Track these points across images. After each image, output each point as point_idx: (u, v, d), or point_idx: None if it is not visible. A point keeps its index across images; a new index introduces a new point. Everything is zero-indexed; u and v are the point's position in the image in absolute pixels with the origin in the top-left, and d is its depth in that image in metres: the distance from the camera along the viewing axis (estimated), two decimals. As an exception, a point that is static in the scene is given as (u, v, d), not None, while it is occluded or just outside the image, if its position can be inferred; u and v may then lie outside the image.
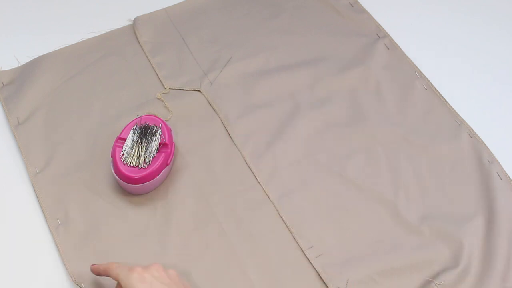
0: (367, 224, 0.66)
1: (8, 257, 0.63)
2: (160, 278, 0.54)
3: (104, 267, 0.57)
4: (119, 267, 0.55)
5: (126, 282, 0.54)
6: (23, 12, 0.85)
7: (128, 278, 0.54)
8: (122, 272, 0.55)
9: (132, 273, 0.54)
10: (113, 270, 0.56)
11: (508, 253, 0.64)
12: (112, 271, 0.56)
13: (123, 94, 0.75)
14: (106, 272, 0.57)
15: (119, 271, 0.55)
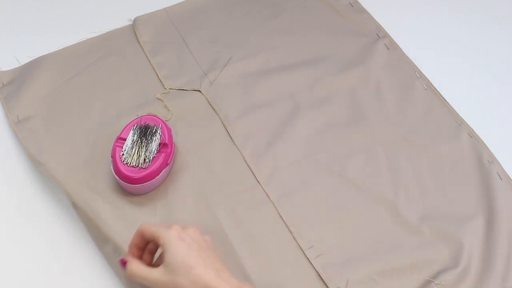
0: (367, 224, 0.66)
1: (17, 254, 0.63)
2: (197, 240, 0.54)
3: (137, 233, 0.56)
4: (156, 225, 0.54)
5: (164, 239, 0.53)
6: (23, 12, 0.85)
7: (167, 234, 0.53)
8: (160, 228, 0.54)
9: (170, 230, 0.53)
10: (149, 228, 0.55)
11: (508, 253, 0.64)
12: (148, 229, 0.55)
13: (123, 94, 0.75)
14: (141, 236, 0.55)
15: (157, 228, 0.54)
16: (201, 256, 0.52)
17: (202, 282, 0.50)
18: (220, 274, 0.51)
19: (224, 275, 0.51)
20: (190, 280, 0.50)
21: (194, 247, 0.52)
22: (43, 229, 0.65)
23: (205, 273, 0.51)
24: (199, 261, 0.51)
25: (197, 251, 0.52)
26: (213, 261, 0.52)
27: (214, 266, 0.52)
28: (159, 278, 0.52)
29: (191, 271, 0.51)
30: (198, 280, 0.50)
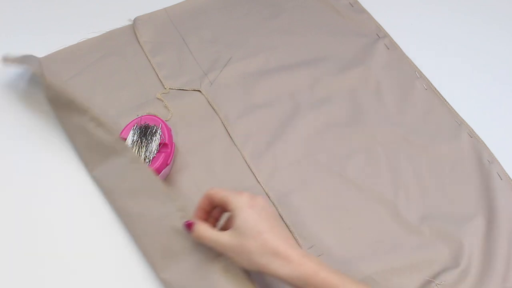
0: (367, 224, 0.66)
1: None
2: (266, 208, 0.55)
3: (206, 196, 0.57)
4: (226, 190, 0.56)
5: (235, 204, 0.54)
6: (23, 12, 0.85)
7: (238, 200, 0.54)
8: (230, 194, 0.55)
9: (241, 196, 0.54)
10: (219, 192, 0.56)
11: (508, 253, 0.64)
12: (218, 194, 0.56)
13: (123, 94, 0.75)
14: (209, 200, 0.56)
15: (227, 193, 0.55)
16: (270, 224, 0.53)
17: (270, 246, 0.52)
18: (288, 241, 0.53)
19: (292, 243, 0.53)
20: (259, 244, 0.52)
21: (264, 215, 0.54)
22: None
23: (274, 238, 0.52)
24: (268, 228, 0.53)
25: (266, 219, 0.54)
26: (280, 230, 0.54)
27: (282, 234, 0.53)
28: (228, 241, 0.53)
29: (260, 236, 0.52)
30: (267, 244, 0.52)
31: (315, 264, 0.52)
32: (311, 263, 0.52)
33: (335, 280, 0.51)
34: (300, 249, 0.53)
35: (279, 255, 0.52)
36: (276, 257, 0.52)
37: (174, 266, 0.58)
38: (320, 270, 0.51)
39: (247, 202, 0.54)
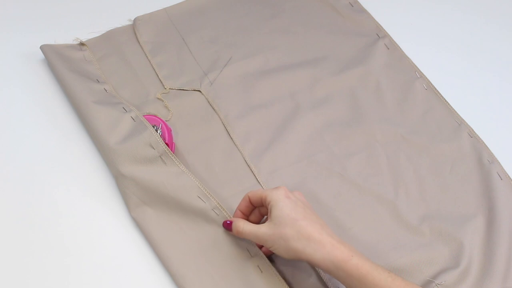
0: (367, 224, 0.66)
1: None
2: (302, 200, 0.58)
3: (244, 199, 0.60)
4: (263, 189, 0.59)
5: (272, 197, 0.57)
6: (22, 11, 0.85)
7: (275, 193, 0.57)
8: (267, 189, 0.58)
9: (278, 189, 0.57)
10: (256, 192, 0.59)
11: (508, 253, 0.64)
12: (255, 193, 0.59)
13: (123, 94, 0.75)
14: (247, 201, 0.60)
15: (264, 190, 0.58)
16: (306, 212, 0.56)
17: (305, 232, 0.54)
18: (323, 228, 0.55)
19: (327, 230, 0.55)
20: (295, 230, 0.54)
21: (300, 205, 0.57)
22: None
23: (310, 225, 0.54)
24: (304, 215, 0.55)
25: (302, 208, 0.56)
26: (316, 218, 0.56)
27: (318, 221, 0.56)
28: (266, 231, 0.56)
29: (296, 223, 0.55)
30: (303, 231, 0.54)
31: (349, 250, 0.54)
32: (344, 248, 0.54)
33: (366, 266, 0.53)
34: (335, 235, 0.55)
35: (314, 240, 0.54)
36: (311, 242, 0.54)
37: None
38: (353, 257, 0.53)
39: (284, 193, 0.57)
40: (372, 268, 0.53)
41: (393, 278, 0.53)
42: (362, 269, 0.53)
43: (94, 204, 0.65)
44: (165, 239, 0.61)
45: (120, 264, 0.61)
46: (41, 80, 0.76)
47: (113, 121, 0.67)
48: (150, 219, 0.62)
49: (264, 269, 0.59)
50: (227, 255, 0.60)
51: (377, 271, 0.53)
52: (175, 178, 0.64)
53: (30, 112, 0.73)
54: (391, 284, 0.52)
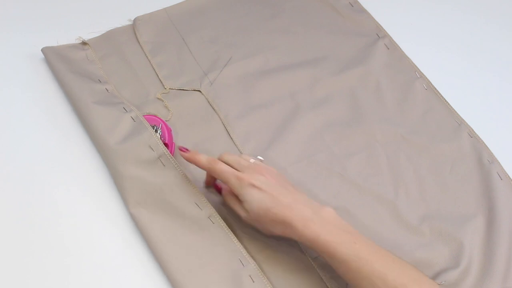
0: (367, 224, 0.66)
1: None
2: (267, 180, 0.59)
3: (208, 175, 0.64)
4: (226, 172, 0.60)
5: (238, 191, 0.59)
6: (22, 11, 0.85)
7: (240, 187, 0.59)
8: (231, 177, 0.60)
9: (242, 180, 0.59)
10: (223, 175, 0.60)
11: (508, 253, 0.64)
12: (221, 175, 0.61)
13: (123, 94, 0.75)
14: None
15: (228, 175, 0.60)
16: (275, 195, 0.57)
17: (278, 219, 0.57)
18: (296, 205, 0.57)
19: (298, 206, 0.57)
20: (269, 219, 0.57)
21: (267, 188, 0.58)
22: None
23: (281, 211, 0.57)
24: (273, 201, 0.57)
25: (270, 191, 0.58)
26: (285, 195, 0.58)
27: (288, 200, 0.57)
28: (246, 217, 0.60)
29: (268, 212, 0.57)
30: (275, 218, 0.57)
31: (318, 228, 0.55)
32: (314, 226, 0.55)
33: (333, 243, 0.54)
34: (308, 209, 0.57)
35: (287, 224, 0.56)
36: (286, 226, 0.57)
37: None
38: (321, 235, 0.55)
39: (248, 182, 0.58)
40: (339, 244, 0.54)
41: (358, 251, 0.54)
42: (330, 247, 0.54)
43: (94, 204, 0.65)
44: (159, 242, 0.60)
45: (120, 264, 0.61)
46: (41, 80, 0.76)
47: (113, 121, 0.67)
48: (145, 222, 0.62)
49: (256, 279, 0.59)
50: (220, 264, 0.60)
51: (344, 246, 0.54)
52: (173, 182, 0.64)
53: (30, 112, 0.73)
54: (356, 258, 0.53)
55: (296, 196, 0.58)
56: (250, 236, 0.63)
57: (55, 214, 0.64)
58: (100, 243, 0.63)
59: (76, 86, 0.72)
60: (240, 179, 0.59)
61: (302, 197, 0.59)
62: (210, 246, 0.60)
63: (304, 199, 0.58)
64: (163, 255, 0.60)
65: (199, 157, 0.62)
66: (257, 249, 0.63)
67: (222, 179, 0.61)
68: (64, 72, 0.73)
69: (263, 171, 0.60)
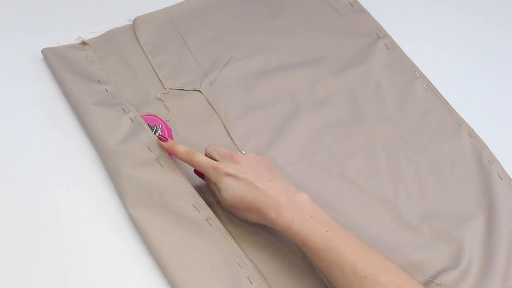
0: (367, 224, 0.66)
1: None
2: (242, 169, 0.60)
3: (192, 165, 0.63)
4: (206, 162, 0.61)
5: (215, 179, 0.60)
6: (22, 11, 0.85)
7: (215, 175, 0.60)
8: (208, 166, 0.61)
9: (218, 170, 0.60)
10: (200, 165, 0.62)
11: (508, 253, 0.64)
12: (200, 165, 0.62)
13: (123, 94, 0.75)
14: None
15: (206, 164, 0.61)
16: (250, 183, 0.58)
17: (255, 207, 0.58)
18: (270, 194, 0.58)
19: (273, 194, 0.58)
20: (246, 208, 0.59)
21: (242, 176, 0.59)
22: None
23: (256, 198, 0.58)
24: (248, 190, 0.58)
25: (245, 181, 0.59)
26: (261, 183, 0.59)
27: (262, 188, 0.58)
28: (227, 207, 0.62)
29: (243, 201, 0.59)
30: (251, 208, 0.59)
31: (291, 216, 0.56)
32: (287, 214, 0.56)
33: (304, 231, 0.55)
34: (282, 196, 0.57)
35: (261, 212, 0.58)
36: (260, 213, 0.58)
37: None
38: (294, 223, 0.55)
39: (223, 172, 0.59)
40: (310, 232, 0.54)
41: (329, 240, 0.54)
42: (302, 235, 0.55)
43: (94, 204, 0.65)
44: (158, 243, 0.60)
45: (120, 264, 0.61)
46: (41, 80, 0.76)
47: (112, 123, 0.67)
48: (144, 223, 0.62)
49: (253, 281, 0.59)
50: (218, 266, 0.60)
51: (316, 234, 0.54)
52: (171, 184, 0.63)
53: (30, 112, 0.73)
54: (327, 247, 0.53)
55: (271, 183, 0.59)
56: (248, 238, 0.63)
57: (55, 214, 0.64)
58: (100, 243, 0.63)
59: (75, 87, 0.72)
60: (216, 168, 0.60)
61: (278, 183, 0.59)
62: (208, 248, 0.60)
63: (278, 186, 0.59)
64: (162, 256, 0.60)
65: (177, 147, 0.63)
66: (255, 250, 0.63)
67: (200, 170, 0.62)
68: (63, 74, 0.73)
69: (239, 159, 0.61)
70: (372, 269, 0.52)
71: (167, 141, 0.64)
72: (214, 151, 0.63)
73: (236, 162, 0.60)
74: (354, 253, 0.53)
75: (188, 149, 0.62)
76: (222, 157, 0.62)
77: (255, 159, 0.62)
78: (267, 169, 0.61)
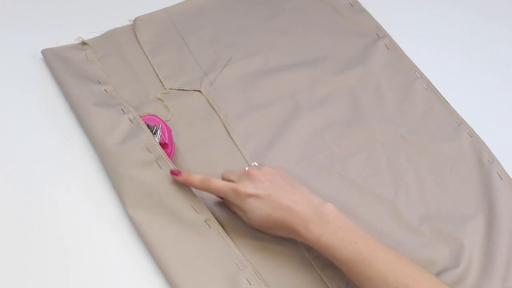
0: (367, 224, 0.66)
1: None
2: (264, 186, 0.59)
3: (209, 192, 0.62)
4: (224, 186, 0.61)
5: (238, 202, 0.60)
6: (22, 12, 0.85)
7: (237, 199, 0.60)
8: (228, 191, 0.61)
9: (238, 193, 0.59)
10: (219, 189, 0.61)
11: (508, 253, 0.64)
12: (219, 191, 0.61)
13: (123, 94, 0.75)
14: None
15: (226, 189, 0.61)
16: (273, 201, 0.58)
17: (280, 224, 0.58)
18: (294, 207, 0.57)
19: (296, 208, 0.57)
20: (272, 224, 0.59)
21: (264, 196, 0.59)
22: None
23: (283, 215, 0.57)
24: (273, 207, 0.58)
25: (269, 200, 0.58)
26: (284, 197, 0.58)
27: (286, 202, 0.58)
28: (250, 225, 0.61)
29: (270, 218, 0.58)
30: (277, 223, 0.58)
31: (319, 229, 0.56)
32: (315, 228, 0.56)
33: (334, 243, 0.55)
34: (308, 210, 0.57)
35: (289, 228, 0.58)
36: (289, 230, 0.58)
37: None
38: (322, 236, 0.56)
39: (244, 194, 0.59)
40: (340, 245, 0.55)
41: (359, 251, 0.54)
42: (331, 248, 0.55)
43: (94, 204, 0.65)
44: (158, 244, 0.60)
45: (120, 264, 0.61)
46: (41, 80, 0.76)
47: (111, 123, 0.67)
48: (143, 223, 0.62)
49: (252, 282, 0.59)
50: (217, 267, 0.60)
51: (345, 246, 0.54)
52: (169, 185, 0.63)
53: (30, 112, 0.73)
54: (357, 259, 0.54)
55: (295, 196, 0.59)
56: (247, 239, 0.63)
57: (55, 214, 0.64)
58: (99, 243, 0.63)
59: (75, 88, 0.72)
60: (236, 190, 0.59)
61: (300, 195, 0.59)
62: (207, 249, 0.60)
63: (302, 198, 0.59)
64: (162, 257, 0.60)
65: (192, 179, 0.62)
66: (254, 251, 0.62)
67: (220, 196, 0.62)
68: (63, 74, 0.73)
69: (256, 176, 0.60)
70: (404, 279, 0.52)
71: (181, 175, 0.62)
72: (230, 173, 0.63)
73: (254, 179, 0.60)
74: (385, 263, 0.53)
75: (203, 177, 0.61)
76: (239, 177, 0.61)
77: (271, 172, 0.62)
78: (285, 181, 0.61)
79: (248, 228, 0.63)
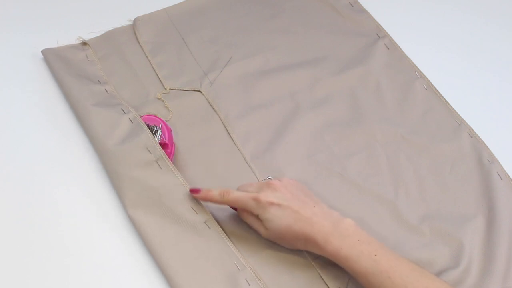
0: (367, 224, 0.66)
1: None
2: (284, 196, 0.59)
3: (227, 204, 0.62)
4: (243, 197, 0.60)
5: (257, 210, 0.59)
6: (22, 12, 0.85)
7: (257, 206, 0.59)
8: (248, 200, 0.60)
9: (259, 201, 0.59)
10: (239, 201, 0.61)
11: (508, 253, 0.64)
12: (237, 202, 0.61)
13: (123, 94, 0.75)
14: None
15: (245, 199, 0.60)
16: (295, 211, 0.58)
17: (300, 235, 0.58)
18: (315, 219, 0.58)
19: (317, 220, 0.58)
20: (291, 236, 0.58)
21: (285, 206, 0.58)
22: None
23: (303, 227, 0.57)
24: (294, 217, 0.58)
25: (290, 211, 0.58)
26: (306, 210, 0.58)
27: (307, 214, 0.58)
28: (267, 235, 0.60)
29: (290, 229, 0.58)
30: (297, 235, 0.58)
31: (338, 242, 0.56)
32: (334, 241, 0.56)
33: (354, 257, 0.55)
34: (328, 223, 0.57)
35: (309, 240, 0.58)
36: (308, 242, 0.58)
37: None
38: (342, 249, 0.56)
39: (265, 202, 0.58)
40: (359, 257, 0.55)
41: (378, 263, 0.54)
42: (350, 261, 0.56)
43: (94, 204, 0.65)
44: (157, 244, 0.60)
45: (120, 264, 0.61)
46: (41, 80, 0.76)
47: (111, 123, 0.68)
48: (143, 223, 0.62)
49: (251, 282, 0.59)
50: (216, 268, 0.60)
51: (364, 259, 0.55)
52: (169, 186, 0.63)
53: (30, 112, 0.73)
54: (376, 271, 0.54)
55: (315, 209, 0.59)
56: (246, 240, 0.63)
57: (55, 214, 0.64)
58: (99, 243, 0.63)
59: (75, 88, 0.72)
60: (257, 200, 0.59)
61: (319, 209, 0.59)
62: (206, 250, 0.60)
63: (322, 212, 0.59)
64: (161, 257, 0.60)
65: (211, 194, 0.61)
66: (253, 252, 0.62)
67: (240, 207, 0.61)
68: (63, 75, 0.73)
69: (277, 186, 0.60)
70: None
71: (200, 192, 0.62)
72: (247, 186, 0.62)
73: (276, 189, 0.60)
74: (404, 275, 0.54)
75: (222, 190, 0.61)
76: (258, 188, 0.61)
77: (291, 183, 0.62)
78: (304, 193, 0.61)
79: (248, 229, 0.63)
